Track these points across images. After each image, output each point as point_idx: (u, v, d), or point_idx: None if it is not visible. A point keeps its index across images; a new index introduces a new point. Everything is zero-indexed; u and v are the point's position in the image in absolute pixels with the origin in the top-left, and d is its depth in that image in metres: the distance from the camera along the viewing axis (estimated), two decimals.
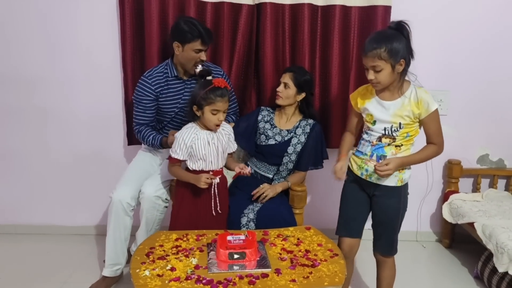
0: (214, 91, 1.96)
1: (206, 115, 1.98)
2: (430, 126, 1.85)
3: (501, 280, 2.24)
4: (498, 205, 2.62)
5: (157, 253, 1.77)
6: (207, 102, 1.96)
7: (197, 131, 2.02)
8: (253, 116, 2.41)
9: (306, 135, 2.33)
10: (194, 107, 2.00)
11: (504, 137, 2.83)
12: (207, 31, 2.22)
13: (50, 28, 2.62)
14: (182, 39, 2.21)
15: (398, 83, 1.84)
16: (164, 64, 2.35)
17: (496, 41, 2.69)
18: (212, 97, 1.95)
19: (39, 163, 2.83)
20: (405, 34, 1.79)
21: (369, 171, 1.90)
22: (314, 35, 2.57)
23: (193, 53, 2.22)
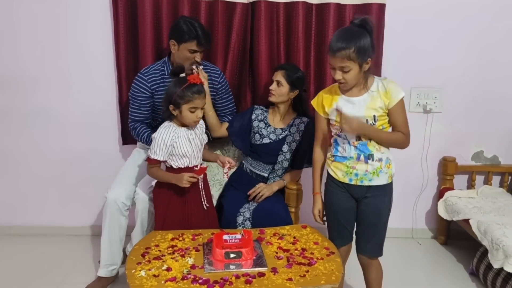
0: (190, 89, 1.91)
1: (185, 114, 1.93)
2: (398, 116, 1.80)
3: (496, 276, 2.25)
4: (493, 202, 2.64)
5: (153, 253, 1.76)
6: (184, 101, 1.90)
7: (176, 130, 1.97)
8: (247, 115, 2.40)
9: (301, 133, 2.32)
10: (171, 107, 1.94)
11: (498, 133, 2.85)
12: (205, 34, 2.21)
13: (43, 28, 2.60)
14: (178, 38, 2.20)
15: (363, 79, 1.80)
16: (161, 62, 2.35)
17: (490, 39, 2.70)
18: (190, 94, 1.90)
19: (34, 163, 2.81)
20: (368, 29, 1.73)
21: (360, 175, 1.85)
22: (308, 33, 2.56)
23: (187, 53, 2.21)
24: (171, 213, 2.03)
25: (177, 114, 1.95)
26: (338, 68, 1.75)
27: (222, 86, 2.40)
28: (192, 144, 2.00)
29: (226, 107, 2.46)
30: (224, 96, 2.42)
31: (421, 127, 2.81)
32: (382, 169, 1.85)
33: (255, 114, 2.39)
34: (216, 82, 2.38)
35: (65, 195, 2.86)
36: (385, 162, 1.85)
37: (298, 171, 2.37)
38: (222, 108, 2.45)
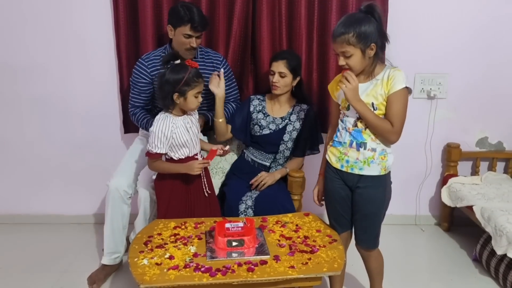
0: (195, 74, 1.89)
1: (190, 100, 1.91)
2: (393, 105, 1.72)
3: (499, 263, 2.25)
4: (497, 188, 2.62)
5: (155, 241, 1.77)
6: (191, 87, 1.88)
7: (173, 120, 1.93)
8: (245, 108, 2.36)
9: (301, 121, 2.30)
10: (175, 95, 1.89)
11: (503, 120, 2.82)
12: (200, 18, 2.16)
13: (43, 16, 2.58)
14: (174, 22, 2.18)
15: (370, 67, 1.76)
16: (162, 48, 2.33)
17: (495, 25, 2.65)
18: (196, 79, 1.89)
19: (36, 152, 2.81)
20: (376, 16, 1.70)
21: (350, 162, 1.82)
22: (311, 19, 2.52)
23: (182, 38, 2.18)
24: (174, 202, 2.02)
25: (180, 102, 1.91)
26: (340, 54, 1.73)
27: (224, 74, 2.37)
28: (190, 132, 1.98)
29: (229, 94, 2.43)
30: (226, 83, 2.39)
31: (425, 113, 2.78)
32: (374, 160, 1.79)
33: (253, 105, 2.35)
34: (218, 68, 2.35)
35: (68, 183, 2.87)
36: (379, 153, 1.79)
37: (301, 159, 2.36)
38: (226, 96, 2.42)
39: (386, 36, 1.75)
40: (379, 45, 1.73)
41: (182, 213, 2.01)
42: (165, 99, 1.91)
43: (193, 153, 2.01)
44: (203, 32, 2.22)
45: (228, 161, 2.52)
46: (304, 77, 2.58)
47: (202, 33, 2.23)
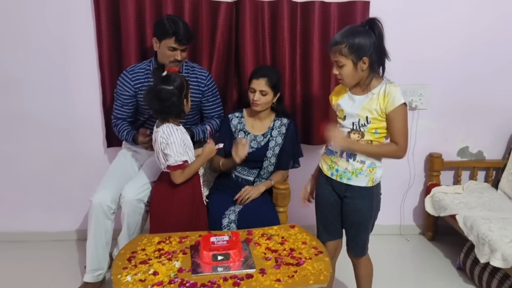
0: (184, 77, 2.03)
1: (189, 102, 2.03)
2: (394, 122, 1.76)
3: (483, 271, 2.27)
4: (479, 197, 2.66)
5: (139, 257, 1.73)
6: (189, 89, 2.02)
7: (179, 129, 1.97)
8: (228, 129, 2.30)
9: (283, 135, 2.29)
10: (185, 101, 1.97)
11: (482, 129, 2.88)
12: (185, 31, 2.17)
13: (23, 28, 2.54)
14: (159, 35, 2.19)
15: (366, 80, 1.79)
16: (147, 61, 2.33)
17: (474, 36, 2.71)
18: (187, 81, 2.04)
19: (16, 167, 2.75)
20: (376, 32, 1.74)
21: (340, 171, 1.86)
22: (294, 31, 2.55)
23: (167, 51, 2.19)
24: (171, 214, 2.02)
25: (187, 107, 2.01)
26: (334, 63, 1.78)
27: (208, 89, 2.37)
28: (188, 138, 2.04)
29: (212, 110, 2.43)
30: (210, 99, 2.40)
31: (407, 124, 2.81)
32: (363, 171, 1.83)
33: (233, 124, 2.31)
34: (202, 84, 2.35)
35: (49, 199, 2.81)
36: (367, 166, 1.83)
37: (285, 171, 2.35)
38: (209, 112, 2.43)
39: (385, 52, 1.78)
40: (375, 60, 1.75)
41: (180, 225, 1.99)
42: (178, 109, 1.95)
43: (192, 159, 2.04)
44: (188, 45, 2.23)
45: (213, 174, 2.50)
46: (288, 89, 2.59)
47: (187, 47, 2.23)
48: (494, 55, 2.75)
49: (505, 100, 2.83)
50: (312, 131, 2.66)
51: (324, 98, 2.64)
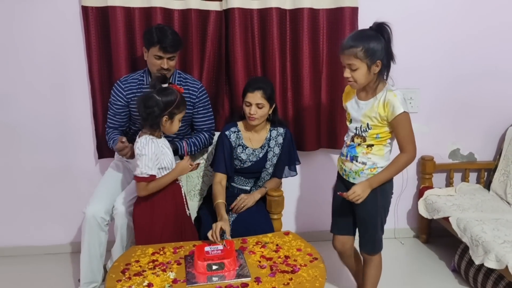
0: (184, 98, 1.97)
1: (175, 123, 1.95)
2: (398, 131, 1.84)
3: (477, 272, 2.28)
4: (471, 198, 2.68)
5: (133, 269, 1.72)
6: (180, 110, 1.93)
7: (158, 142, 1.93)
8: (227, 146, 2.22)
9: (280, 145, 2.28)
10: (165, 118, 1.90)
11: (472, 131, 2.90)
12: (171, 39, 2.15)
13: (12, 41, 2.53)
14: (146, 43, 2.20)
15: (374, 84, 1.85)
16: (141, 72, 2.33)
17: (462, 40, 2.75)
18: (184, 103, 1.96)
19: (7, 181, 2.72)
20: (385, 36, 1.80)
21: (347, 171, 1.96)
22: (283, 38, 2.57)
23: (154, 59, 2.18)
24: (155, 227, 1.98)
25: (166, 124, 1.92)
26: (346, 66, 1.82)
27: (200, 101, 2.35)
28: (170, 153, 1.99)
29: (203, 123, 2.39)
30: (201, 111, 2.36)
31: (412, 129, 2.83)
32: (364, 171, 1.91)
33: (231, 140, 2.24)
34: (193, 96, 2.33)
35: (41, 212, 2.77)
36: (368, 166, 1.90)
37: (279, 179, 2.35)
38: (199, 124, 2.39)
39: (392, 55, 1.84)
40: (385, 63, 1.81)
41: (165, 237, 1.97)
42: (154, 120, 1.89)
43: None
44: (174, 53, 2.20)
45: (206, 183, 2.50)
46: (279, 96, 2.60)
47: (174, 55, 2.21)
48: (482, 57, 2.78)
49: (494, 101, 2.86)
50: (304, 137, 2.67)
51: (315, 105, 2.66)
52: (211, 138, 2.42)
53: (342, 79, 2.58)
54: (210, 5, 2.48)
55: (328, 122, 2.71)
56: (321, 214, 2.89)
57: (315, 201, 2.88)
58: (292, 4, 2.53)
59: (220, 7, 2.49)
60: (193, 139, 2.33)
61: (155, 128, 1.92)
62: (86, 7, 2.42)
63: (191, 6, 2.45)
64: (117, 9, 2.42)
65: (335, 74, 2.63)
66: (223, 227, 1.91)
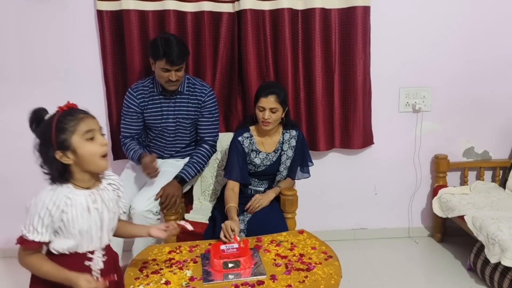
0: (69, 112, 1.37)
1: (86, 148, 1.30)
2: None
3: (494, 271, 2.26)
4: (486, 197, 2.66)
5: (151, 267, 1.75)
6: (71, 129, 1.31)
7: (70, 193, 1.31)
8: (240, 152, 2.20)
9: (293, 148, 2.27)
10: (57, 154, 1.29)
11: (487, 129, 2.87)
12: (178, 51, 2.12)
13: (28, 44, 2.58)
14: (152, 56, 2.19)
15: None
16: (150, 78, 2.34)
17: (474, 38, 2.73)
18: (71, 116, 1.35)
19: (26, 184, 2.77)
20: None
21: None
22: (295, 39, 2.58)
23: (161, 72, 2.16)
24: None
25: (73, 160, 1.30)
26: None
27: (205, 105, 2.32)
28: (92, 216, 1.33)
29: (206, 130, 2.35)
30: (206, 115, 2.34)
31: (412, 126, 2.83)
32: None
33: (244, 146, 2.22)
34: (200, 100, 2.32)
35: None
36: None
37: (292, 180, 2.35)
38: (202, 131, 2.36)
39: None
40: None
41: None
42: (50, 167, 1.30)
43: (87, 250, 1.35)
44: (181, 64, 2.18)
45: (220, 183, 2.52)
46: (292, 97, 2.62)
47: (181, 66, 2.19)
48: (496, 55, 2.76)
49: (508, 99, 2.82)
50: (317, 137, 2.68)
51: (328, 104, 2.67)
52: (213, 151, 2.39)
53: (355, 79, 2.62)
54: (222, 7, 2.51)
55: (341, 122, 2.72)
56: (334, 213, 2.91)
57: (328, 201, 2.89)
58: (304, 4, 2.54)
59: (232, 9, 2.52)
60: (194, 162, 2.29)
61: (59, 176, 1.31)
62: (101, 11, 2.47)
63: (204, 8, 2.48)
64: (131, 12, 2.46)
65: (347, 73, 2.63)
66: (232, 226, 1.90)
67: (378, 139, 2.79)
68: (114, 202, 1.42)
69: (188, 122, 2.35)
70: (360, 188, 2.89)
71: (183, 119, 2.34)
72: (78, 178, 1.33)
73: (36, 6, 2.52)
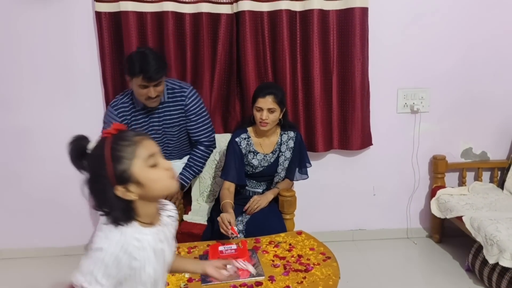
0: (124, 138, 1.08)
1: (152, 174, 1.07)
2: None
3: (492, 271, 2.27)
4: (484, 197, 2.66)
5: None
6: (132, 151, 1.06)
7: (138, 234, 1.08)
8: (237, 153, 2.20)
9: (291, 149, 2.28)
10: (118, 190, 1.06)
11: (485, 130, 2.88)
12: (154, 66, 2.00)
13: (26, 46, 2.58)
14: (128, 73, 2.06)
15: None
16: (129, 94, 2.23)
17: (472, 39, 2.73)
18: (130, 137, 1.08)
19: (25, 183, 2.77)
20: None
21: None
22: (294, 40, 2.58)
23: (139, 89, 2.05)
24: None
25: (137, 195, 1.07)
26: None
27: (189, 108, 2.25)
28: (160, 257, 1.13)
29: (198, 133, 2.31)
30: (193, 119, 2.27)
31: (410, 127, 2.83)
32: None
33: (241, 147, 2.23)
34: (183, 105, 2.24)
35: (58, 214, 2.82)
36: None
37: (291, 181, 2.36)
38: (194, 134, 2.31)
39: None
40: None
41: None
42: (111, 207, 1.08)
43: None
44: (160, 79, 2.06)
45: (218, 184, 2.52)
46: (290, 98, 2.62)
47: (160, 80, 2.07)
48: (493, 56, 2.76)
49: (506, 99, 2.83)
50: (315, 138, 2.68)
51: (326, 105, 2.67)
52: (210, 151, 2.36)
53: (353, 80, 2.62)
54: (221, 9, 2.51)
55: (339, 123, 2.72)
56: (333, 214, 2.91)
57: (327, 202, 2.89)
58: (302, 6, 2.54)
59: (230, 10, 2.52)
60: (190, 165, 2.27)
61: (122, 215, 1.08)
62: (100, 12, 2.47)
63: (202, 9, 2.49)
64: (129, 14, 2.46)
65: (345, 74, 2.64)
66: (228, 218, 1.90)
67: (376, 140, 2.79)
68: (172, 236, 1.21)
69: (175, 130, 2.29)
70: (358, 189, 2.90)
71: (169, 127, 2.27)
72: (142, 213, 1.10)
73: (34, 8, 2.52)
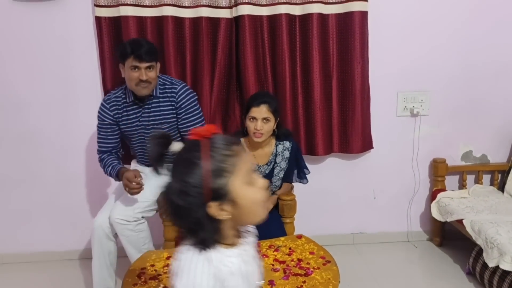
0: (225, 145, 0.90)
1: (246, 193, 0.90)
2: None
3: (492, 275, 2.26)
4: (485, 200, 2.66)
5: (149, 273, 1.75)
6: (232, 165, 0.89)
7: (224, 257, 0.93)
8: None
9: (287, 160, 2.25)
10: (212, 208, 0.89)
11: (485, 133, 2.88)
12: (146, 47, 2.05)
13: (27, 50, 2.59)
14: (120, 57, 2.11)
15: None
16: (122, 88, 2.24)
17: (472, 42, 2.74)
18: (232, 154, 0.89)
19: (22, 189, 2.78)
20: None
21: None
22: (293, 44, 2.59)
23: (131, 72, 2.07)
24: None
25: (231, 215, 0.91)
26: None
27: (181, 106, 2.21)
28: (250, 282, 0.99)
29: (189, 130, 2.23)
30: (184, 117, 2.22)
31: (410, 130, 2.84)
32: None
33: None
34: (173, 101, 2.21)
35: (56, 219, 2.82)
36: None
37: (290, 184, 2.36)
38: (185, 131, 2.24)
39: None
40: None
41: None
42: (200, 227, 0.90)
43: None
44: (151, 62, 2.08)
45: None
46: (290, 101, 2.62)
47: (152, 64, 2.09)
48: (493, 58, 2.77)
49: (506, 102, 2.84)
50: (315, 142, 2.68)
51: (326, 109, 2.67)
52: None
53: (353, 84, 2.63)
54: (220, 13, 2.52)
55: (339, 127, 2.72)
56: (333, 217, 2.91)
57: (327, 205, 2.89)
58: (301, 9, 2.55)
59: (230, 15, 2.53)
60: None
61: (210, 237, 0.92)
62: (100, 17, 2.48)
63: (202, 14, 2.49)
64: (129, 18, 2.47)
65: (345, 78, 2.64)
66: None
67: (376, 143, 2.79)
68: (257, 255, 1.05)
69: (165, 127, 2.24)
70: (358, 192, 2.90)
71: (158, 124, 2.23)
72: (225, 235, 0.94)
73: (35, 13, 2.53)
